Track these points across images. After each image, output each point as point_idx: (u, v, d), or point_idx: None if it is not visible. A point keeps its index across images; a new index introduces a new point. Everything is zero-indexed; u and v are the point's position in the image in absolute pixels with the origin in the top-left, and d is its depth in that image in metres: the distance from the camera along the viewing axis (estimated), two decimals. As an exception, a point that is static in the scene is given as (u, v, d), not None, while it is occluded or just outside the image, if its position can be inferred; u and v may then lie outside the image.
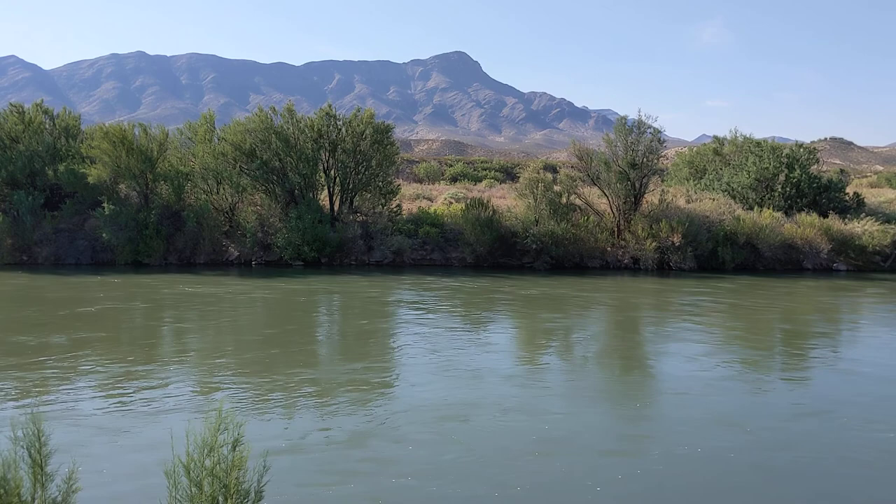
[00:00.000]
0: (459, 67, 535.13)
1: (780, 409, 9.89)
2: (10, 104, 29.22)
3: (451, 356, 12.70)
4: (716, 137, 39.09)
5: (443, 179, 55.12)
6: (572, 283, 23.41)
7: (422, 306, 18.57)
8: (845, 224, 28.84)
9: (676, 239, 26.72)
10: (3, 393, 10.10)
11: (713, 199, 30.68)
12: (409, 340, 14.08)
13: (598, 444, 8.52)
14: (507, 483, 7.23)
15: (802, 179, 30.65)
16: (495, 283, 23.14)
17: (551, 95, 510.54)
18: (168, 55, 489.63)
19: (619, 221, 28.50)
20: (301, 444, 8.22)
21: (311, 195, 28.28)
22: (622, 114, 30.51)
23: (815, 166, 33.41)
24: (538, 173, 28.87)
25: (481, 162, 69.77)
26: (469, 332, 15.47)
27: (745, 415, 9.59)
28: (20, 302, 18.36)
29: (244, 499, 3.87)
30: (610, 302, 20.20)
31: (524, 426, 8.99)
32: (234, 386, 10.60)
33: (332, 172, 28.85)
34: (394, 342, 14.10)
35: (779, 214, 28.65)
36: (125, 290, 20.26)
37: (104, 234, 25.69)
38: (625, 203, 28.44)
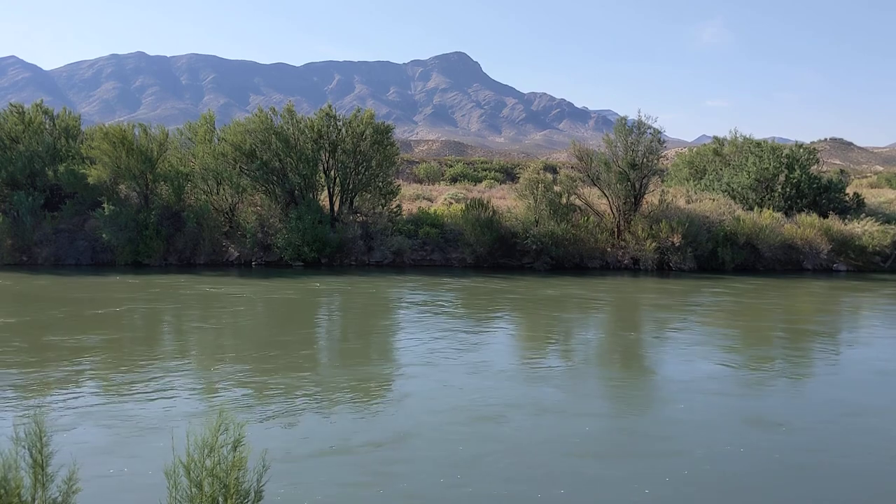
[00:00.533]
0: (459, 68, 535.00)
1: (815, 409, 9.96)
2: (10, 104, 29.23)
3: (478, 356, 12.75)
4: (716, 138, 39.09)
5: (443, 180, 55.15)
6: (578, 283, 23.42)
7: (438, 307, 18.61)
8: (845, 224, 28.84)
9: (676, 239, 26.72)
10: (30, 391, 10.11)
11: (713, 200, 30.68)
12: (433, 340, 14.09)
13: (641, 445, 8.44)
14: (548, 484, 7.18)
15: (802, 180, 30.65)
16: (499, 283, 23.14)
17: (551, 96, 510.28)
18: (168, 55, 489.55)
19: (619, 222, 28.50)
20: (344, 445, 8.22)
21: (311, 196, 28.29)
22: (622, 114, 30.53)
23: (815, 167, 33.42)
24: (538, 174, 28.88)
25: (481, 162, 69.80)
26: (490, 332, 15.55)
27: (779, 414, 9.62)
28: (48, 303, 18.26)
29: (244, 499, 3.87)
30: (621, 303, 20.21)
31: (563, 427, 8.98)
32: (284, 387, 10.58)
33: (332, 173, 28.85)
34: (419, 342, 14.05)
35: (779, 215, 28.65)
36: (146, 290, 20.31)
37: (104, 235, 25.70)
38: (625, 203, 28.44)
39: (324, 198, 29.19)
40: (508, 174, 60.30)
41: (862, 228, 28.51)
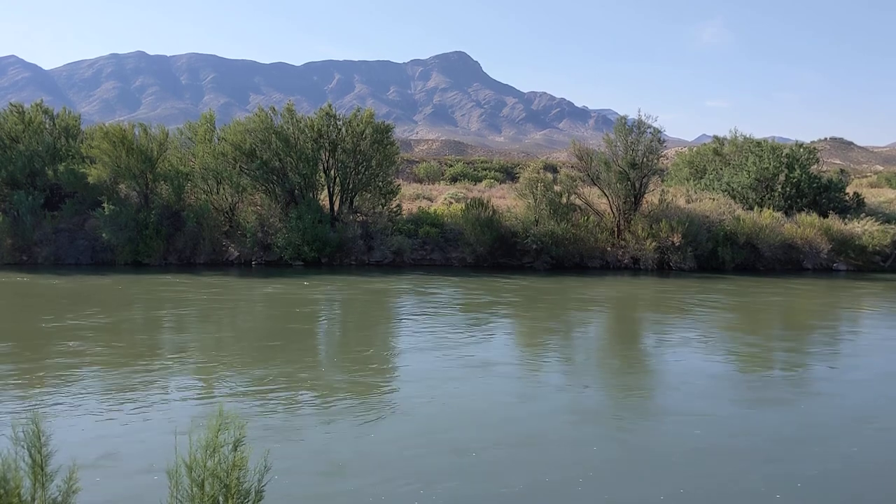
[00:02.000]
0: (459, 67, 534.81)
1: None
2: (10, 104, 29.20)
3: (567, 360, 12.74)
4: (716, 137, 39.09)
5: (443, 179, 55.10)
6: (586, 283, 23.39)
7: (477, 306, 18.60)
8: (845, 224, 28.84)
9: (676, 239, 26.71)
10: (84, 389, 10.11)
11: (713, 199, 30.67)
12: (447, 340, 14.03)
13: (762, 449, 8.12)
14: (674, 487, 7.04)
15: (802, 179, 30.65)
16: (505, 283, 23.10)
17: (551, 95, 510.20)
18: (168, 55, 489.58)
19: (619, 221, 28.49)
20: (468, 447, 8.08)
21: (311, 195, 28.28)
22: (622, 114, 30.50)
23: (815, 166, 33.40)
24: (538, 173, 28.88)
25: (481, 162, 69.76)
26: (493, 332, 15.47)
27: (881, 414, 9.54)
28: (116, 302, 18.24)
29: (244, 499, 3.86)
30: (641, 303, 20.05)
31: (677, 431, 8.80)
32: (360, 388, 10.57)
33: (332, 172, 28.84)
34: (440, 340, 13.92)
35: (779, 214, 28.65)
36: (205, 290, 20.30)
37: (104, 234, 25.68)
38: (625, 203, 28.43)
39: (324, 197, 29.18)
40: (508, 174, 60.28)
41: (862, 228, 28.50)
